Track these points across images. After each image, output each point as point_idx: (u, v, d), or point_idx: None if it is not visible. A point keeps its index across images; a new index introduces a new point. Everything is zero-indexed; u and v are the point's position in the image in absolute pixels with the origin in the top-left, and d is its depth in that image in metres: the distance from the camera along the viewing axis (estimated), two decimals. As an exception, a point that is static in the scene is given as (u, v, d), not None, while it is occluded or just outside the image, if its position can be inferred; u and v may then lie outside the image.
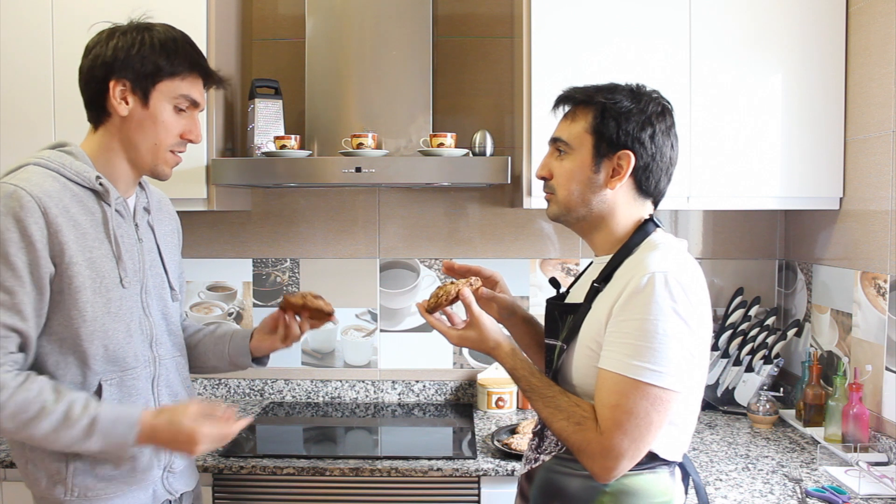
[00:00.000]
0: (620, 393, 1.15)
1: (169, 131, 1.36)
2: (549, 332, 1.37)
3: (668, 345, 1.13)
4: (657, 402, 1.14)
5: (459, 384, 2.54)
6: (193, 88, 1.38)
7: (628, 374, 1.14)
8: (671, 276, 1.15)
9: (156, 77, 1.33)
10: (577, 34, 2.08)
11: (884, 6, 1.91)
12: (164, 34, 1.36)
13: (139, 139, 1.35)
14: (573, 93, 1.31)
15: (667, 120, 1.28)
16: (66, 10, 2.10)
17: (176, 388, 1.47)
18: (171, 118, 1.36)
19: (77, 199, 1.30)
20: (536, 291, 2.52)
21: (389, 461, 1.92)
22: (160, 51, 1.33)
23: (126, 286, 1.35)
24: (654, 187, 1.29)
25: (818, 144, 2.09)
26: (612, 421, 1.15)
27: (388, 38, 2.25)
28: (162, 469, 1.42)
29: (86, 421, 1.23)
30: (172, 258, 1.52)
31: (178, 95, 1.36)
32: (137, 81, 1.32)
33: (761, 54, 2.08)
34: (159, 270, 1.46)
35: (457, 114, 2.48)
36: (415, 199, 2.53)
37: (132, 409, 1.30)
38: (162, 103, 1.34)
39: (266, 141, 2.21)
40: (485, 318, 1.31)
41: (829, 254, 2.19)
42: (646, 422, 1.14)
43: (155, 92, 1.33)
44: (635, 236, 1.27)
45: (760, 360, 2.33)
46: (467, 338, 1.32)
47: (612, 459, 1.15)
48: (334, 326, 2.55)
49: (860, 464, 1.79)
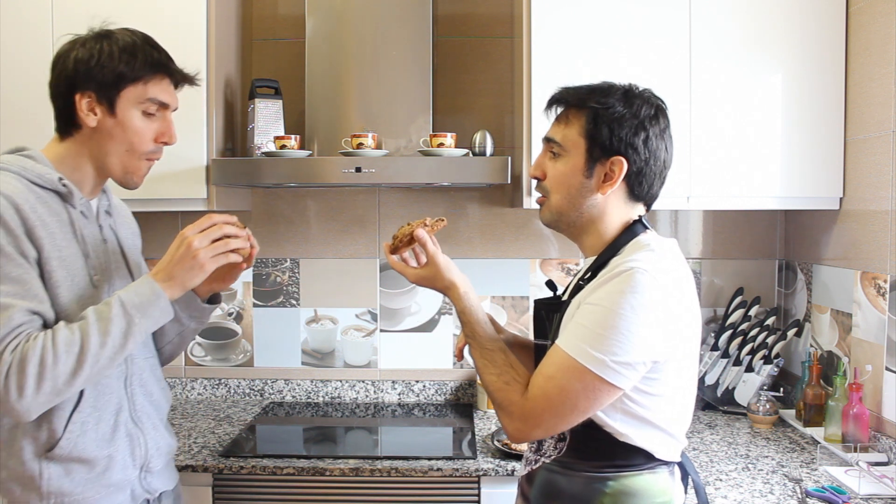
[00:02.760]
0: (560, 368, 1.16)
1: (140, 136, 1.35)
2: (538, 332, 1.37)
3: (621, 340, 1.13)
4: (590, 389, 1.14)
5: (459, 384, 2.54)
6: (160, 90, 1.36)
7: (574, 354, 1.15)
8: (648, 275, 1.14)
9: (119, 85, 1.31)
10: (578, 34, 2.08)
11: (884, 6, 1.91)
12: (123, 40, 1.33)
13: (111, 148, 1.34)
14: (566, 94, 1.30)
15: (660, 122, 1.27)
16: (66, 10, 2.10)
17: (150, 388, 1.45)
18: (142, 123, 1.35)
19: (42, 201, 1.28)
20: (536, 291, 2.52)
21: (389, 461, 1.92)
22: (120, 58, 1.31)
23: (96, 285, 1.34)
24: (647, 192, 1.28)
25: (818, 144, 2.09)
26: (541, 389, 1.18)
27: (388, 38, 2.25)
28: (139, 469, 1.40)
29: (117, 308, 1.23)
30: (135, 261, 1.50)
31: (144, 100, 1.34)
32: (101, 92, 1.31)
33: (761, 54, 2.08)
34: (124, 271, 1.44)
35: (457, 114, 2.48)
36: (415, 199, 2.53)
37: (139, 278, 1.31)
38: (130, 110, 1.33)
39: (266, 141, 2.21)
40: (440, 258, 1.32)
41: (829, 254, 2.19)
42: (572, 402, 1.15)
43: (120, 100, 1.32)
44: (622, 237, 1.27)
45: (760, 360, 2.33)
46: (423, 276, 1.34)
47: (529, 425, 1.19)
48: (334, 326, 2.55)
49: (860, 464, 1.79)
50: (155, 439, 1.43)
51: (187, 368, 2.57)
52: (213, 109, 2.15)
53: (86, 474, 1.31)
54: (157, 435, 1.44)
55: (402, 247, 1.37)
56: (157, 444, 1.44)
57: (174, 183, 2.13)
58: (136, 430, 1.40)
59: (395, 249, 1.38)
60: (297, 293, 2.55)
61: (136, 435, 1.39)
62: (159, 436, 1.45)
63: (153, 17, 2.10)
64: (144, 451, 1.40)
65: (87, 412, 1.31)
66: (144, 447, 1.40)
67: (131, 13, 2.09)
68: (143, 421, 1.42)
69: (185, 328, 1.53)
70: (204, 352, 2.57)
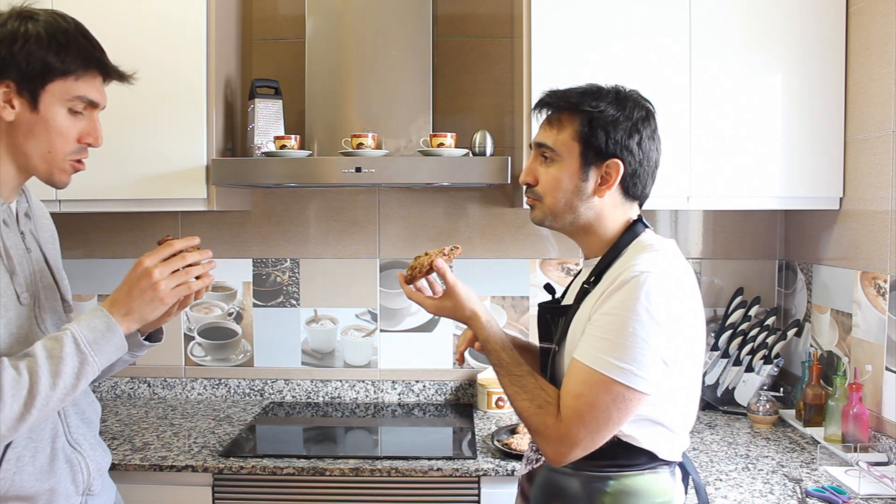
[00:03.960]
0: (586, 384, 1.16)
1: (64, 137, 1.19)
2: (542, 336, 1.37)
3: (640, 346, 1.13)
4: (620, 399, 1.14)
5: (459, 384, 2.54)
6: (91, 88, 1.20)
7: (597, 367, 1.15)
8: (656, 278, 1.15)
9: (45, 77, 1.15)
10: (578, 34, 2.08)
11: (884, 6, 1.91)
12: (51, 25, 1.16)
13: (30, 147, 1.18)
14: (555, 98, 1.29)
15: (651, 124, 1.28)
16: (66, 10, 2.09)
17: (81, 405, 1.32)
18: (66, 122, 1.19)
19: None
20: (536, 291, 2.52)
21: (389, 461, 1.92)
22: (48, 45, 1.14)
23: (23, 303, 1.20)
24: (641, 191, 1.30)
25: (818, 144, 2.09)
26: (572, 409, 1.17)
27: (388, 38, 2.25)
28: (81, 495, 1.27)
29: (70, 346, 1.10)
30: (59, 267, 1.35)
31: (72, 97, 1.18)
32: (23, 82, 1.14)
33: (761, 54, 2.08)
34: (50, 282, 1.30)
35: (457, 114, 2.48)
36: (415, 199, 2.53)
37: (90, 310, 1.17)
38: (54, 106, 1.17)
39: (266, 141, 2.21)
40: (460, 287, 1.31)
41: (829, 254, 2.19)
42: (605, 416, 1.15)
43: (45, 94, 1.16)
44: (624, 237, 1.28)
45: (760, 360, 2.33)
46: (444, 307, 1.33)
47: (566, 446, 1.17)
48: (334, 326, 2.55)
49: (860, 464, 1.79)
50: (95, 460, 1.31)
51: (187, 368, 2.57)
52: (213, 109, 2.15)
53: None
54: (95, 455, 1.32)
55: (419, 276, 1.35)
56: (98, 465, 1.32)
57: (174, 183, 2.13)
58: (76, 454, 1.26)
59: (411, 279, 1.36)
60: (297, 293, 2.55)
61: (77, 460, 1.26)
62: (97, 455, 1.33)
63: (153, 17, 2.11)
64: (87, 475, 1.28)
65: (23, 445, 1.17)
66: (86, 471, 1.28)
67: (131, 13, 2.11)
68: (81, 443, 1.29)
69: (117, 362, 1.35)
70: (204, 352, 2.57)
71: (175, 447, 2.03)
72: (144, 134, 2.12)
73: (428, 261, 1.34)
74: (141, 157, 2.12)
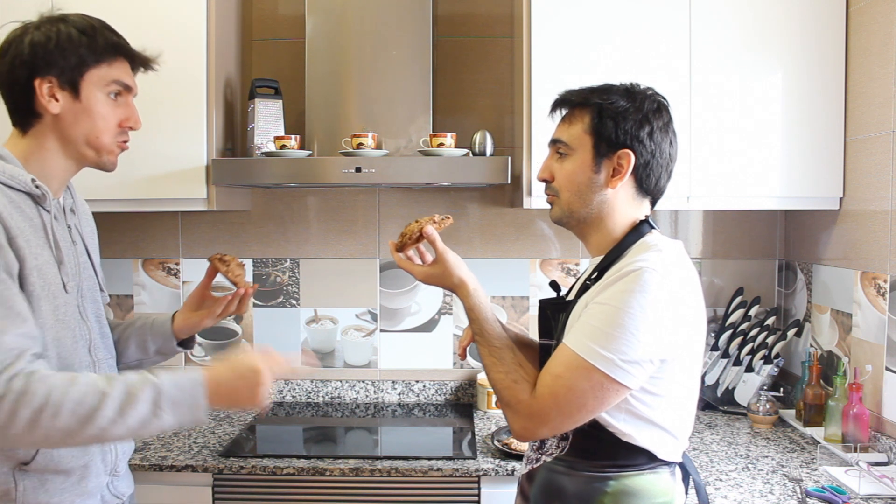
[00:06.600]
0: (567, 367, 1.16)
1: (106, 120, 1.30)
2: (542, 332, 1.37)
3: (628, 339, 1.13)
4: (598, 388, 1.14)
5: (459, 384, 2.54)
6: (122, 72, 1.32)
7: (582, 353, 1.15)
8: (656, 275, 1.15)
9: (82, 67, 1.26)
10: (577, 34, 2.08)
11: (884, 6, 1.91)
12: (80, 22, 1.29)
13: (76, 134, 1.28)
14: (569, 95, 1.31)
15: (664, 116, 1.29)
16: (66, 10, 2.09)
17: None
18: (107, 106, 1.30)
19: (14, 204, 1.21)
20: (536, 291, 2.52)
21: (389, 461, 1.92)
22: (80, 39, 1.26)
23: (69, 291, 1.28)
24: (655, 185, 1.30)
25: (818, 144, 2.09)
26: (549, 388, 1.17)
27: (388, 38, 2.25)
28: (109, 474, 1.37)
29: (150, 393, 1.13)
30: (98, 260, 1.46)
31: (108, 82, 1.29)
32: (64, 75, 1.25)
33: (761, 54, 2.08)
34: (90, 273, 1.40)
35: (457, 114, 2.48)
36: (415, 199, 2.53)
37: (192, 371, 1.20)
38: (94, 93, 1.28)
39: (266, 141, 2.21)
40: (449, 255, 1.31)
41: (829, 254, 2.19)
42: (580, 402, 1.15)
43: (84, 83, 1.27)
44: (629, 237, 1.28)
45: (760, 360, 2.33)
46: (432, 274, 1.32)
47: (535, 423, 1.19)
48: (334, 326, 2.55)
49: (860, 464, 1.79)
50: (122, 443, 1.41)
51: (187, 368, 2.57)
52: (213, 109, 2.15)
53: (61, 484, 1.27)
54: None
55: (409, 244, 1.35)
56: (124, 448, 1.42)
57: (174, 183, 2.12)
58: None
59: (401, 247, 1.36)
60: (297, 293, 2.55)
61: None
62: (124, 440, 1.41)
63: (153, 18, 2.10)
64: (114, 456, 1.38)
65: None
66: (114, 452, 1.38)
67: (131, 13, 2.10)
68: None
69: (147, 359, 1.50)
70: (204, 352, 2.57)
71: (175, 447, 2.04)
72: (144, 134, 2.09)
73: (418, 228, 1.33)
74: (141, 157, 2.11)
